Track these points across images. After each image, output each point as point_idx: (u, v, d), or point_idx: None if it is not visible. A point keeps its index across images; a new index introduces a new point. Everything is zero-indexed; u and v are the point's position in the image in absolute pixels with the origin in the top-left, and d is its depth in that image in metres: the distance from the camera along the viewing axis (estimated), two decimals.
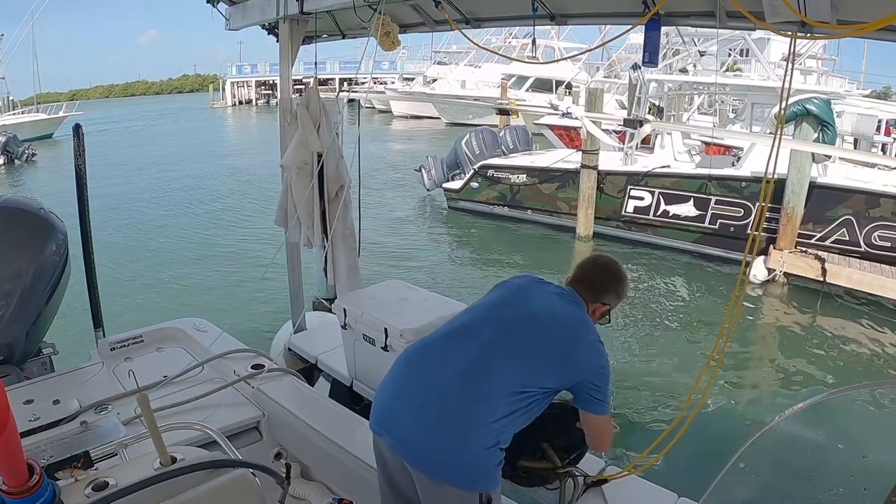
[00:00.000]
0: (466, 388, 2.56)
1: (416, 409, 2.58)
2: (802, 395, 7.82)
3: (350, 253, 5.27)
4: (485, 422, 2.50)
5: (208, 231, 16.08)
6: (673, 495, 3.21)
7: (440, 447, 2.50)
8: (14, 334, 4.04)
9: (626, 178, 13.99)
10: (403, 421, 2.59)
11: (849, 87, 25.13)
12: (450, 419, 2.52)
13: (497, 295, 3.00)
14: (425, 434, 2.52)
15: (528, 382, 2.59)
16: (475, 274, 12.95)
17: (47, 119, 38.79)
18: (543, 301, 2.84)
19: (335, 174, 5.03)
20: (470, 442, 2.48)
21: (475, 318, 2.86)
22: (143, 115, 54.82)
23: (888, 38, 2.85)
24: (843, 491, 1.98)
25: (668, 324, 10.28)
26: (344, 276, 5.23)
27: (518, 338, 2.69)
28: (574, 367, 2.68)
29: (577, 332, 2.74)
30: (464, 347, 2.68)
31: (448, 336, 2.82)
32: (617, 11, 3.94)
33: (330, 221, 5.10)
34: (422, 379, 2.67)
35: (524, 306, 2.82)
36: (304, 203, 4.99)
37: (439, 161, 17.45)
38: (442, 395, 2.57)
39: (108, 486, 1.90)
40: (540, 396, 2.63)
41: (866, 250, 11.35)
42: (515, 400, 2.56)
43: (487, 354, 2.64)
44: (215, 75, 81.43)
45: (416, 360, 2.78)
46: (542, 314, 2.77)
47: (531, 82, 36.36)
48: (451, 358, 2.67)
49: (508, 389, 2.55)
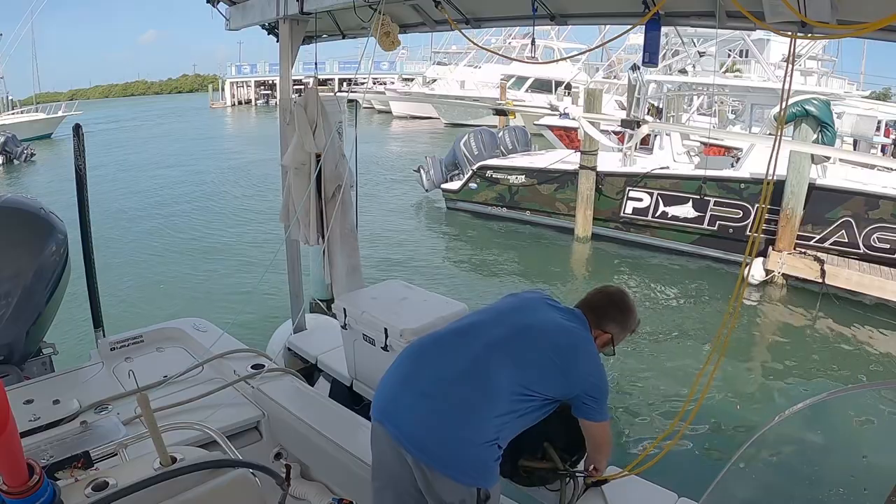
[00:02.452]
0: (470, 381, 2.63)
1: (420, 398, 2.64)
2: (801, 395, 7.82)
3: (352, 253, 5.27)
4: (485, 416, 2.56)
5: (208, 231, 16.07)
6: (673, 495, 3.21)
7: (440, 438, 2.55)
8: (14, 334, 4.04)
9: (624, 180, 13.98)
10: (406, 409, 2.64)
11: (848, 87, 25.15)
12: (452, 409, 2.57)
13: (508, 302, 3.10)
14: (427, 423, 2.58)
15: (528, 386, 2.65)
16: (472, 275, 12.97)
17: (46, 119, 38.79)
18: (551, 316, 2.92)
19: (333, 174, 5.03)
20: (470, 434, 2.54)
21: (484, 319, 2.95)
22: (142, 116, 54.78)
23: (888, 38, 2.85)
24: (843, 491, 1.99)
25: (667, 325, 10.27)
26: (343, 275, 5.22)
27: (523, 344, 2.76)
28: (573, 379, 2.75)
29: (577, 346, 2.82)
30: (471, 344, 2.76)
31: (456, 333, 2.89)
32: (617, 11, 3.93)
33: (327, 221, 5.10)
34: (428, 369, 2.74)
35: (532, 317, 2.90)
36: (302, 202, 5.00)
37: (438, 161, 17.42)
38: (446, 385, 2.64)
39: (108, 486, 1.89)
40: (539, 403, 2.69)
41: (865, 252, 11.35)
42: (516, 400, 2.62)
43: (492, 354, 2.70)
44: (215, 75, 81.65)
45: (423, 351, 2.86)
46: (548, 326, 2.85)
47: (530, 83, 36.39)
48: (458, 353, 2.74)
49: (509, 389, 2.62)
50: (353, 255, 5.31)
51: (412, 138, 35.84)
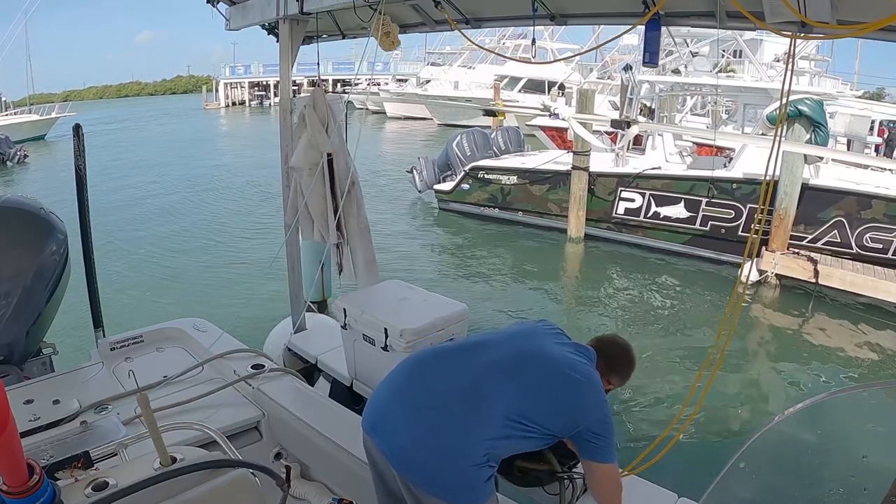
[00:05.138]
0: (464, 400, 2.57)
1: (412, 413, 2.60)
2: (798, 395, 7.86)
3: (367, 246, 5.31)
4: (477, 437, 2.50)
5: (208, 231, 16.05)
6: (673, 495, 3.23)
7: (428, 457, 2.50)
8: (14, 334, 4.04)
9: (616, 180, 13.97)
10: (396, 423, 2.60)
11: (842, 87, 25.21)
12: (443, 428, 2.53)
13: (517, 328, 3.07)
14: (416, 441, 2.53)
15: (527, 416, 2.59)
16: (465, 276, 12.93)
17: (40, 120, 38.54)
18: (560, 348, 2.86)
19: (345, 172, 5.05)
20: (458, 454, 2.48)
21: (490, 340, 2.91)
22: (135, 117, 54.46)
23: (888, 38, 2.86)
24: (843, 491, 2.00)
25: (661, 325, 10.30)
26: (363, 269, 5.25)
27: (527, 370, 2.70)
28: (578, 413, 2.69)
29: (583, 381, 2.74)
30: (472, 363, 2.71)
31: (459, 349, 2.87)
32: (617, 11, 3.95)
33: (346, 218, 5.12)
34: (424, 383, 2.69)
35: (540, 345, 2.85)
36: (319, 202, 5.01)
37: (431, 162, 17.39)
38: (441, 402, 2.59)
39: (108, 486, 1.90)
40: (536, 435, 2.63)
41: (858, 252, 11.38)
42: (511, 426, 2.56)
43: (493, 375, 2.65)
44: (209, 76, 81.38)
45: (422, 364, 2.81)
46: (556, 357, 2.79)
47: (523, 83, 36.46)
48: (458, 370, 2.69)
49: (504, 413, 2.56)
50: (368, 248, 5.34)
51: (406, 139, 35.80)
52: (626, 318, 10.55)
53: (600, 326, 10.12)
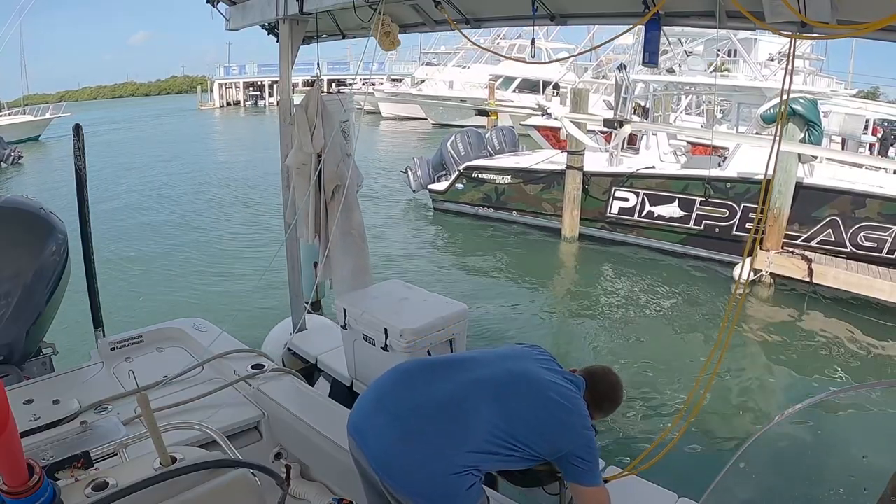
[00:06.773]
0: (450, 413, 2.59)
1: (392, 420, 2.61)
2: (796, 394, 7.88)
3: (359, 254, 5.28)
4: (459, 448, 2.52)
5: (208, 231, 16.02)
6: (673, 495, 3.24)
7: (406, 462, 2.51)
8: (14, 334, 4.04)
9: (610, 179, 13.96)
10: (377, 428, 2.62)
11: (836, 86, 25.23)
12: (423, 436, 2.54)
13: (509, 350, 3.07)
14: (393, 446, 2.55)
15: (514, 436, 2.60)
16: (459, 276, 12.92)
17: (34, 121, 38.50)
18: (549, 373, 2.86)
19: (333, 175, 5.04)
20: (438, 463, 2.49)
21: (480, 357, 2.93)
22: (130, 117, 54.32)
23: (888, 38, 2.87)
24: (843, 491, 2.01)
25: (656, 325, 10.31)
26: (349, 276, 5.24)
27: (514, 391, 2.72)
28: (563, 436, 2.69)
29: (568, 406, 2.75)
30: (459, 377, 2.73)
31: (449, 364, 2.90)
32: (617, 11, 3.95)
33: (329, 220, 5.11)
34: (408, 392, 2.71)
35: (529, 368, 2.86)
36: (303, 201, 5.01)
37: (425, 162, 17.37)
38: (424, 412, 2.61)
39: (108, 486, 1.91)
40: (521, 455, 2.63)
41: (852, 251, 11.39)
42: (496, 443, 2.57)
43: (479, 391, 2.67)
44: (204, 77, 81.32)
45: (410, 373, 2.83)
46: (544, 380, 2.80)
47: (518, 83, 36.47)
48: (444, 382, 2.71)
49: (491, 431, 2.57)
50: (361, 256, 5.32)
51: (400, 139, 35.78)
52: (620, 318, 10.54)
53: (595, 326, 10.12)
